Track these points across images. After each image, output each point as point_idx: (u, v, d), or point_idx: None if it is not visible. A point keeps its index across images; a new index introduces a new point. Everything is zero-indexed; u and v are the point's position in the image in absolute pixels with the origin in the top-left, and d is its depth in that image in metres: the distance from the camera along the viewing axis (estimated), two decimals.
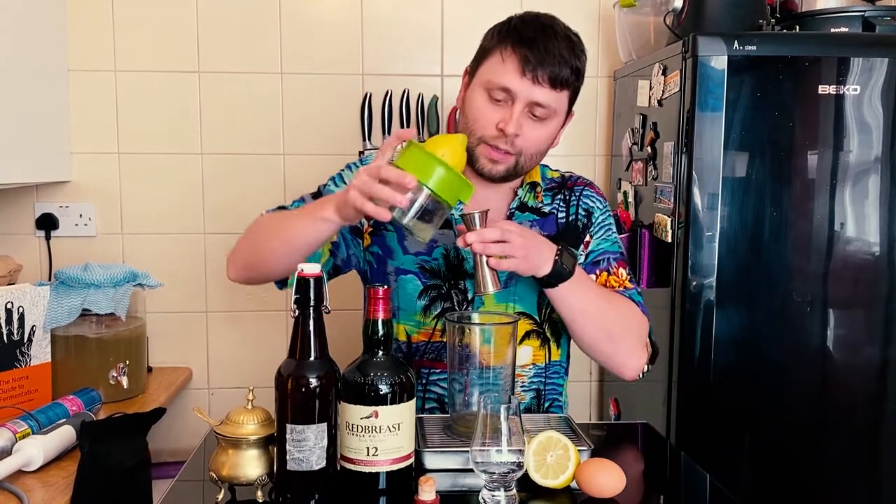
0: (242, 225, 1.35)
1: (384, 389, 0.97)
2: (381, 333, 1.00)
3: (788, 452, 1.74)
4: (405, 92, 2.13)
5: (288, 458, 0.95)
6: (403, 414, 0.98)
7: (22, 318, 1.64)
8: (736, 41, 1.63)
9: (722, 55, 1.63)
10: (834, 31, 1.76)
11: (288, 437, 0.94)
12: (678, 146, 1.71)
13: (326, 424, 0.95)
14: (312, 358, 0.96)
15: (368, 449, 0.97)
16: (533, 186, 1.38)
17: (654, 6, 1.91)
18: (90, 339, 1.74)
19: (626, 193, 2.06)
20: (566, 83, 1.24)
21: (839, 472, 1.77)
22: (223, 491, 1.01)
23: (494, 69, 1.24)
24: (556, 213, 1.38)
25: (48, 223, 2.09)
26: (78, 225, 2.11)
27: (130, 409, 1.70)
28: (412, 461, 1.01)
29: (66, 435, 1.41)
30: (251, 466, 0.99)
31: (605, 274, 1.34)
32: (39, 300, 1.67)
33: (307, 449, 0.94)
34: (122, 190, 2.13)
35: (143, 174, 2.13)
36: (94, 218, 2.12)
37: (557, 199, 1.39)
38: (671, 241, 1.75)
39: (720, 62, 1.64)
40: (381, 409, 0.97)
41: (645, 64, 1.94)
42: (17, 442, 1.36)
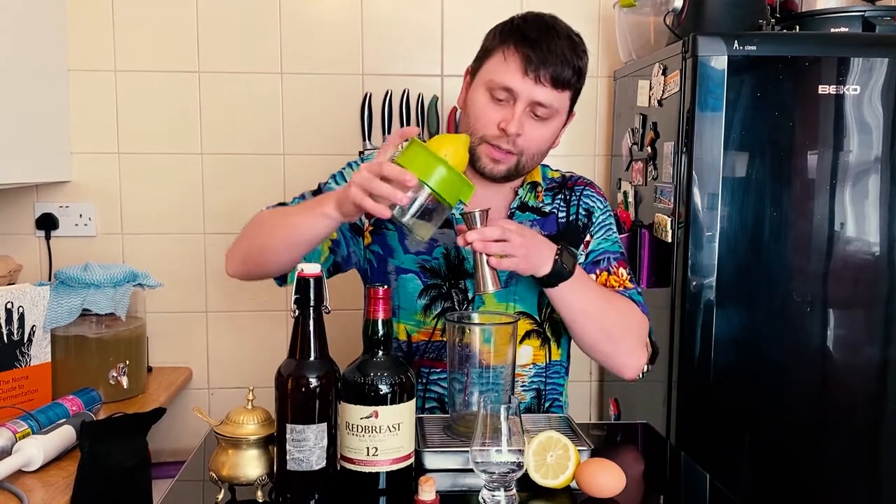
0: (242, 225, 1.35)
1: (384, 389, 0.97)
2: (381, 333, 1.00)
3: (788, 452, 1.74)
4: (405, 92, 2.13)
5: (288, 458, 0.95)
6: (403, 414, 0.98)
7: (22, 318, 1.64)
8: (736, 41, 1.63)
9: (722, 55, 1.63)
10: (834, 31, 1.76)
11: (288, 437, 0.94)
12: (678, 146, 1.71)
13: (326, 424, 0.95)
14: (312, 358, 0.96)
15: (368, 449, 0.97)
16: (534, 186, 1.38)
17: (654, 6, 1.91)
18: (90, 339, 1.74)
19: (626, 193, 2.06)
20: (568, 83, 1.24)
21: (839, 472, 1.77)
22: (223, 491, 1.01)
23: (497, 69, 1.24)
24: (556, 212, 1.38)
25: (48, 223, 2.09)
26: (78, 225, 2.11)
27: (130, 409, 1.70)
28: (412, 461, 1.01)
29: (66, 435, 1.41)
30: (251, 466, 0.99)
31: (605, 274, 1.34)
32: (39, 300, 1.67)
33: (307, 449, 0.94)
34: (122, 190, 2.13)
35: (143, 174, 2.13)
36: (94, 218, 2.12)
37: (558, 198, 1.39)
38: (671, 241, 1.74)
39: (720, 62, 1.64)
40: (381, 409, 0.96)
41: (645, 64, 1.94)
42: (17, 442, 1.36)
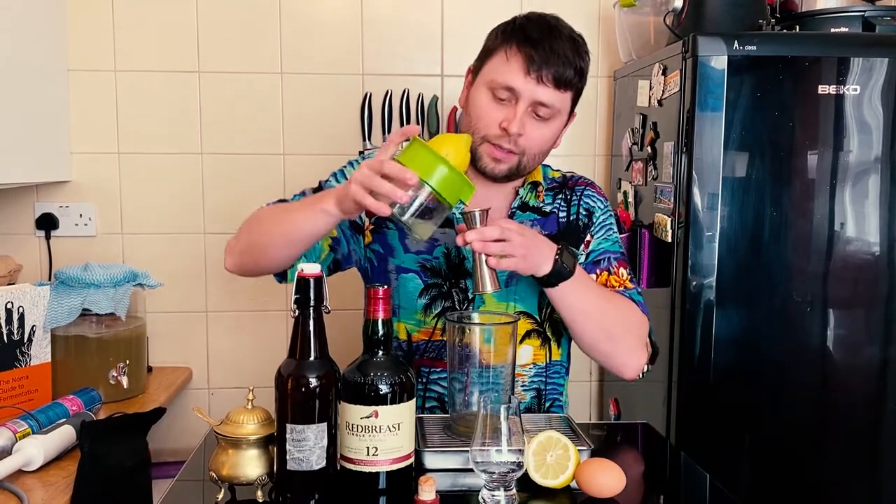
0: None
1: (384, 389, 0.97)
2: (381, 333, 1.00)
3: (788, 452, 1.74)
4: (405, 92, 2.13)
5: (288, 457, 0.95)
6: (403, 414, 0.98)
7: (22, 317, 1.64)
8: (736, 41, 1.63)
9: (722, 55, 1.63)
10: (834, 31, 1.76)
11: (288, 436, 0.94)
12: (678, 146, 1.71)
13: (326, 424, 0.95)
14: (312, 358, 0.96)
15: (368, 449, 0.97)
16: (534, 186, 1.37)
17: (654, 6, 1.91)
18: (90, 338, 1.74)
19: (626, 193, 2.06)
20: (570, 84, 1.24)
21: (839, 472, 1.77)
22: (223, 491, 1.01)
23: (499, 68, 1.24)
24: (557, 212, 1.38)
25: (48, 223, 2.09)
26: (78, 225, 2.11)
27: (130, 408, 1.70)
28: (412, 461, 1.01)
29: (66, 435, 1.41)
30: (251, 466, 0.99)
31: (605, 273, 1.34)
32: (39, 300, 1.67)
33: (307, 449, 0.94)
34: (122, 190, 2.13)
35: (143, 174, 2.13)
36: (94, 218, 2.12)
37: (559, 198, 1.39)
38: (671, 241, 1.74)
39: (720, 62, 1.64)
40: (381, 408, 0.96)
41: (645, 64, 1.93)
42: (17, 442, 1.36)
